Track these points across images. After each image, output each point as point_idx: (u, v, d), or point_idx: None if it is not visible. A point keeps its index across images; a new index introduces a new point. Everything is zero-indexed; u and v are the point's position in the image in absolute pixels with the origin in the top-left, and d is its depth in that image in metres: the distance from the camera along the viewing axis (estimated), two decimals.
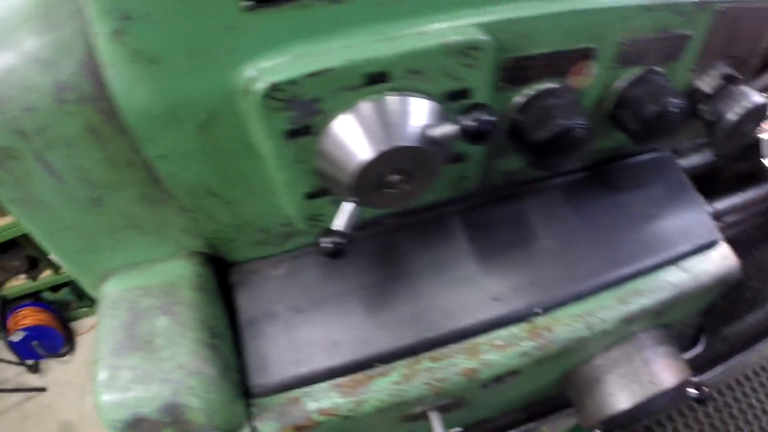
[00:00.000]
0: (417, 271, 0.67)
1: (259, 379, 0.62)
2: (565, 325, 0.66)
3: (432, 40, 0.49)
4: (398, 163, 0.51)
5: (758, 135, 0.97)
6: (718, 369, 1.34)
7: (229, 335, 0.64)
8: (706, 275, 0.74)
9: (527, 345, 0.65)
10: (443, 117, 0.52)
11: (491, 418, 0.93)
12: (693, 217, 0.77)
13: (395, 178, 0.52)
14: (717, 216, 0.98)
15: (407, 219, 0.70)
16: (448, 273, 0.66)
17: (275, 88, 0.47)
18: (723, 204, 0.98)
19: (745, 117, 0.72)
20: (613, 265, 0.71)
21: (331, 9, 0.47)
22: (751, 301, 1.34)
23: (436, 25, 0.50)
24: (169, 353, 0.57)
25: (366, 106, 0.50)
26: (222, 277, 0.67)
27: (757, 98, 0.72)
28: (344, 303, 0.65)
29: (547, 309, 0.67)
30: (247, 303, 0.65)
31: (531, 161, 0.60)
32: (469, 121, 0.47)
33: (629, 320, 0.69)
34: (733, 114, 0.71)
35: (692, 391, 0.84)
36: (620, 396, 0.76)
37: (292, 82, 0.47)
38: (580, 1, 0.55)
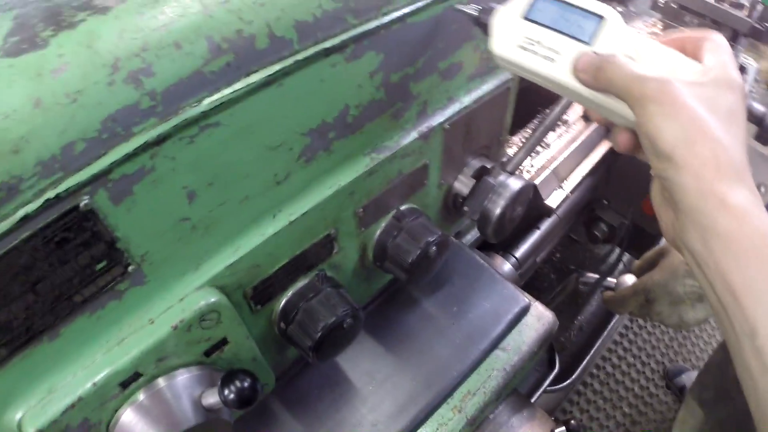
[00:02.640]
0: None
1: None
2: None
3: (162, 328, 0.50)
4: None
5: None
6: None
7: None
8: (527, 344, 0.81)
9: None
10: (212, 374, 0.55)
11: None
12: (497, 294, 0.84)
13: None
14: (520, 264, 1.06)
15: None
16: None
17: None
18: (521, 251, 1.06)
19: (509, 205, 0.78)
20: (438, 378, 0.75)
21: (49, 346, 0.47)
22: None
23: (164, 305, 0.51)
24: None
25: (141, 399, 0.52)
26: None
27: (515, 184, 0.78)
28: None
29: None
30: None
31: (312, 361, 0.63)
32: (230, 394, 0.50)
33: (471, 423, 0.75)
34: (497, 207, 0.77)
35: (561, 430, 0.92)
36: None
37: (54, 422, 0.48)
38: (302, 202, 0.57)
